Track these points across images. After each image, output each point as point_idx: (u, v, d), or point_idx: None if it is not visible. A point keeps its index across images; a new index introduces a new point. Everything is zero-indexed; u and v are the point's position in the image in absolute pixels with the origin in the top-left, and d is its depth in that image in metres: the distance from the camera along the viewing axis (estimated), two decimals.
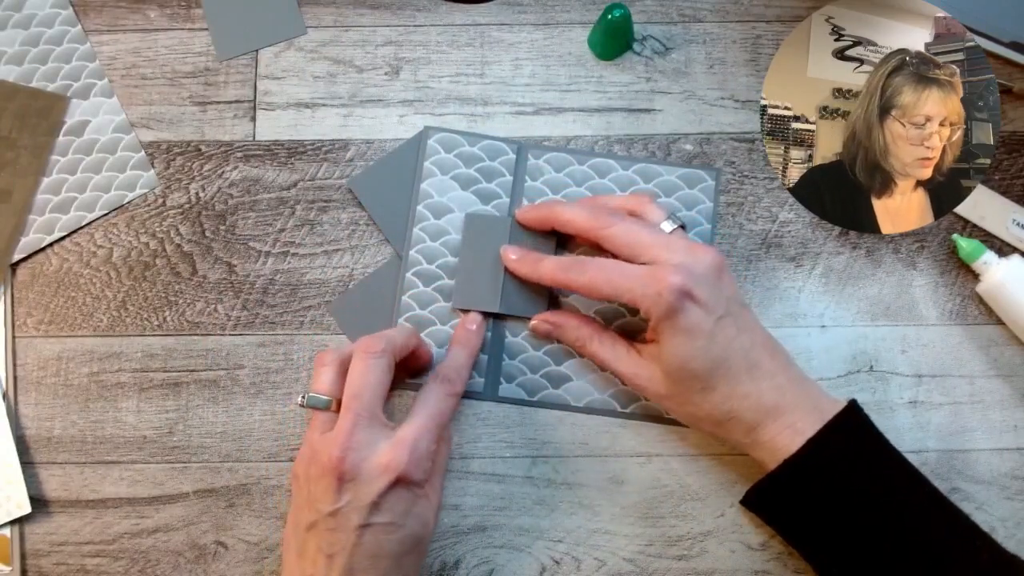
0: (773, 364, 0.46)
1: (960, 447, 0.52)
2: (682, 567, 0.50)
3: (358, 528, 0.42)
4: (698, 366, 0.45)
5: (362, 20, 0.57)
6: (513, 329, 0.52)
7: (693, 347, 0.45)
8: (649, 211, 0.49)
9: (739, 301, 0.47)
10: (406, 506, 0.44)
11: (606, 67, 0.56)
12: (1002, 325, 0.53)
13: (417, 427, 0.44)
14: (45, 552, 0.51)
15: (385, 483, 0.43)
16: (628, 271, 0.46)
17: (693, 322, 0.45)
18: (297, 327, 0.53)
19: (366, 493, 0.42)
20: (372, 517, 0.42)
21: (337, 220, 0.54)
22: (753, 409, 0.46)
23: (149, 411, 0.52)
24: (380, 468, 0.43)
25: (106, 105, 0.56)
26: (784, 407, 0.46)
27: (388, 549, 0.43)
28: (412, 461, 0.43)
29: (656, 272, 0.45)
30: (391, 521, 0.43)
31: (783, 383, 0.46)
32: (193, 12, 0.57)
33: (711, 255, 0.46)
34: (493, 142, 0.54)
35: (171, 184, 0.55)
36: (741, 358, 0.46)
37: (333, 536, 0.42)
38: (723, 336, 0.45)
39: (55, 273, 0.54)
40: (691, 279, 0.44)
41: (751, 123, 0.56)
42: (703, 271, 0.45)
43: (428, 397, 0.46)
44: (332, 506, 0.42)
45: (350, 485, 0.42)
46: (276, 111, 0.56)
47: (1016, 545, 0.50)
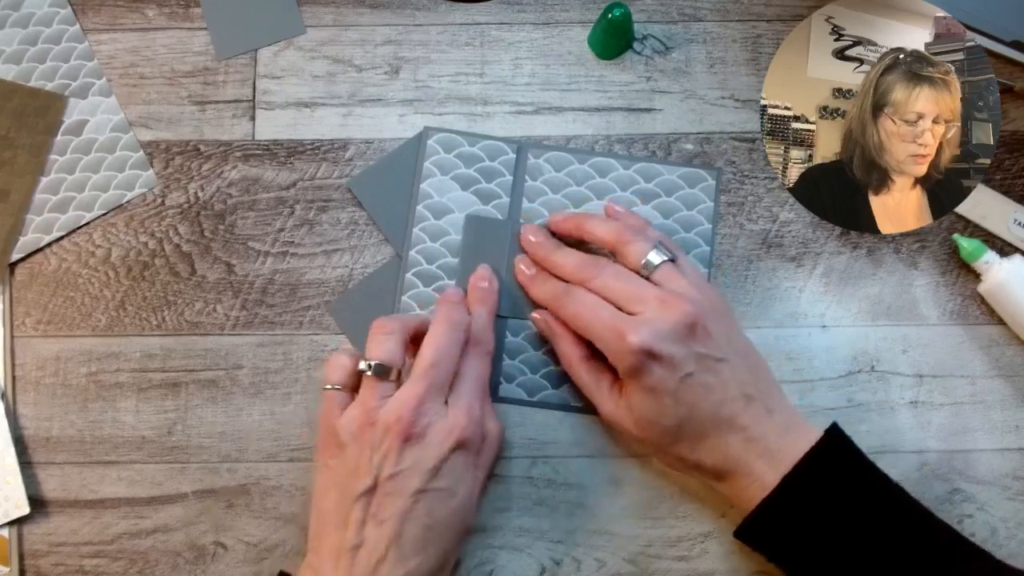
0: (748, 416, 0.45)
1: (961, 447, 0.51)
2: (682, 568, 0.50)
3: (416, 493, 0.43)
4: (664, 422, 0.45)
5: (361, 19, 0.57)
6: (514, 329, 0.52)
7: (658, 405, 0.45)
8: (630, 252, 0.48)
9: (716, 355, 0.45)
10: (461, 472, 0.45)
11: (606, 66, 0.56)
12: (1003, 325, 0.53)
13: (468, 392, 0.46)
14: (44, 552, 0.51)
15: (448, 446, 0.44)
16: (601, 318, 0.46)
17: (655, 381, 0.44)
18: (296, 327, 0.53)
19: (430, 456, 0.43)
20: (431, 482, 0.43)
21: (337, 220, 0.54)
22: (721, 460, 0.46)
23: (148, 411, 0.52)
24: (444, 431, 0.44)
25: (104, 104, 0.56)
26: (751, 461, 0.45)
27: (438, 518, 0.44)
28: (472, 424, 0.45)
29: (621, 328, 0.44)
30: (447, 487, 0.44)
31: (756, 435, 0.45)
32: (192, 11, 0.57)
33: (683, 308, 0.45)
34: (493, 142, 0.54)
35: (170, 184, 0.55)
36: (709, 415, 0.45)
37: (387, 500, 0.43)
38: (689, 395, 0.45)
39: (53, 273, 0.54)
40: (654, 338, 0.44)
41: (751, 123, 0.55)
42: (669, 329, 0.44)
43: (465, 363, 0.47)
44: (394, 468, 0.43)
45: (415, 447, 0.43)
46: (275, 110, 0.56)
47: (1018, 545, 0.50)
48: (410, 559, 0.43)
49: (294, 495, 0.51)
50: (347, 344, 0.53)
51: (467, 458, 0.45)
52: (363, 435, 0.44)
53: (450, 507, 0.44)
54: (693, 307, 0.45)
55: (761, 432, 0.45)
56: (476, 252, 0.52)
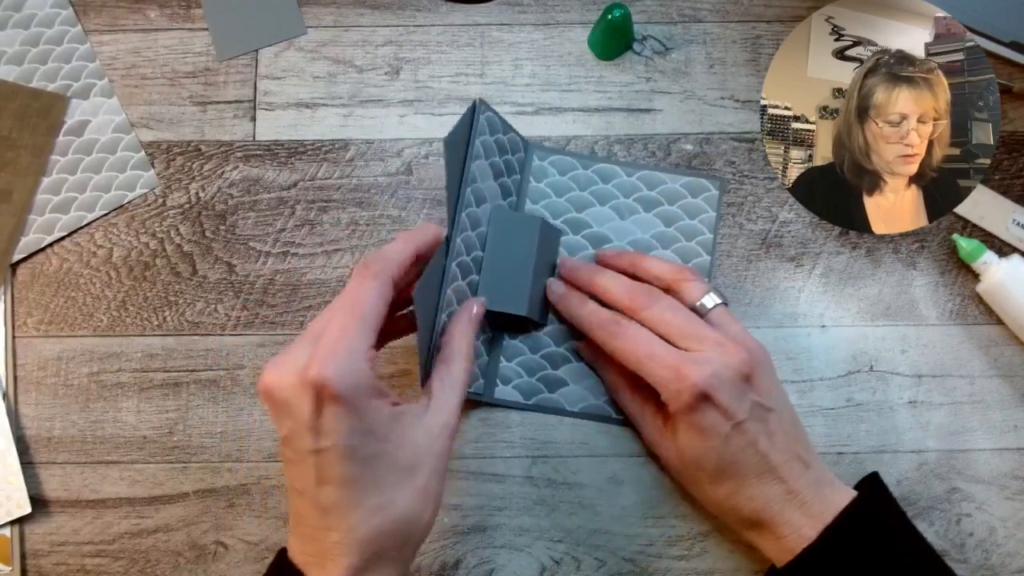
0: (788, 468, 0.45)
1: (960, 447, 0.52)
2: (682, 567, 0.50)
3: (311, 453, 0.37)
4: (708, 464, 0.45)
5: (362, 20, 0.57)
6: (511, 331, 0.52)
7: (705, 446, 0.44)
8: (687, 289, 0.47)
9: (767, 404, 0.45)
10: (349, 424, 0.37)
11: (606, 67, 0.56)
12: (1002, 325, 0.53)
13: (336, 329, 0.37)
14: (45, 552, 0.51)
15: (309, 404, 0.36)
16: (657, 354, 0.45)
17: (708, 423, 0.44)
18: (297, 327, 0.53)
19: (298, 417, 0.37)
20: (319, 441, 0.37)
21: (337, 220, 0.54)
22: (758, 511, 0.45)
23: (149, 411, 0.52)
24: (297, 386, 0.36)
25: (106, 105, 0.56)
26: (787, 512, 0.44)
27: (358, 477, 0.37)
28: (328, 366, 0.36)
29: (681, 368, 0.43)
30: (339, 444, 0.37)
31: (795, 488, 0.44)
32: (193, 12, 0.57)
33: (741, 356, 0.44)
34: (515, 136, 0.53)
35: (171, 184, 0.55)
36: (755, 463, 0.44)
37: (291, 468, 0.39)
38: (739, 440, 0.44)
39: (55, 273, 0.54)
40: (714, 382, 0.43)
41: (751, 123, 0.56)
42: (729, 375, 0.44)
43: (345, 289, 0.40)
44: (281, 434, 0.38)
45: (284, 412, 0.37)
46: (276, 111, 0.56)
47: (1016, 545, 0.50)
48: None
49: None
50: None
51: (345, 408, 0.37)
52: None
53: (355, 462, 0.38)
54: (749, 354, 0.45)
55: (800, 485, 0.44)
56: (503, 247, 0.50)
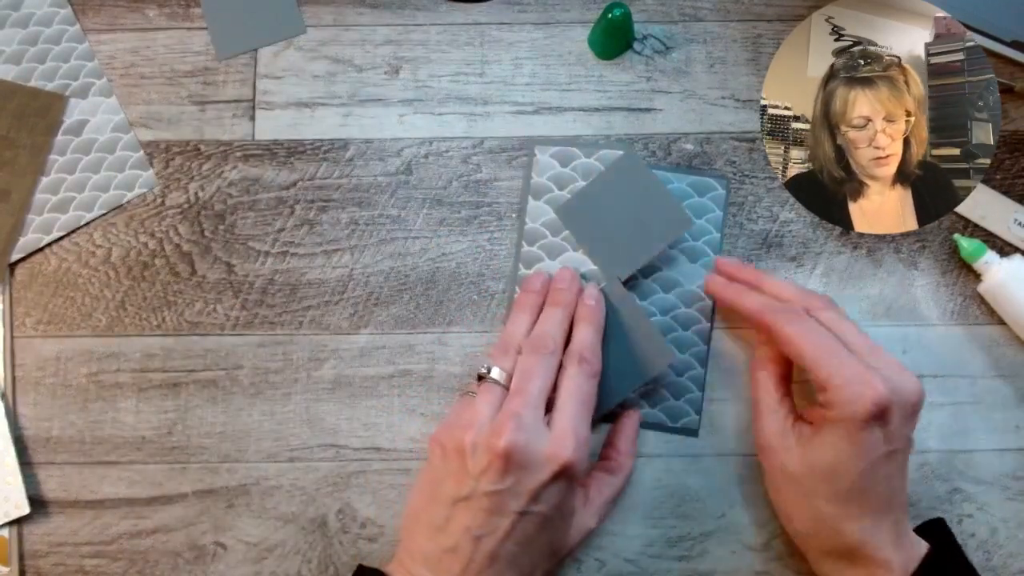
0: (903, 511, 0.45)
1: (962, 447, 0.51)
2: (683, 568, 0.50)
3: (515, 514, 0.42)
4: (843, 480, 0.43)
5: (362, 19, 0.57)
6: None
7: (854, 463, 0.43)
8: (825, 314, 0.46)
9: (912, 442, 0.45)
10: (561, 498, 0.44)
11: (606, 66, 0.56)
12: (1003, 325, 0.53)
13: (573, 415, 0.45)
14: (44, 553, 0.51)
15: (550, 472, 0.43)
16: (843, 355, 0.43)
17: (871, 440, 0.42)
18: (296, 327, 0.53)
19: (530, 480, 0.43)
20: (531, 505, 0.43)
21: (337, 220, 0.54)
22: (862, 543, 0.43)
23: (148, 411, 0.52)
24: (547, 456, 0.43)
25: (105, 104, 0.56)
26: (886, 549, 0.43)
27: (530, 541, 0.43)
28: (577, 450, 0.43)
29: (869, 376, 0.42)
30: (545, 512, 0.43)
31: (902, 529, 0.44)
32: (192, 11, 0.57)
33: (918, 386, 0.44)
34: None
35: (170, 184, 0.55)
36: (885, 496, 0.43)
37: (487, 517, 0.42)
38: (886, 468, 0.43)
39: (54, 273, 0.54)
40: (896, 401, 0.42)
41: (751, 123, 0.55)
42: (908, 401, 0.43)
43: (570, 382, 0.46)
44: (494, 486, 0.42)
45: (516, 470, 0.42)
46: (275, 110, 0.56)
47: (1017, 546, 0.50)
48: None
49: (294, 495, 0.51)
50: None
51: (568, 484, 0.44)
52: (463, 442, 0.43)
53: (544, 532, 0.44)
54: (919, 388, 0.44)
55: (903, 529, 0.44)
56: (614, 189, 0.52)
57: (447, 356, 0.53)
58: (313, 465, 0.51)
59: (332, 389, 0.52)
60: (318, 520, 0.51)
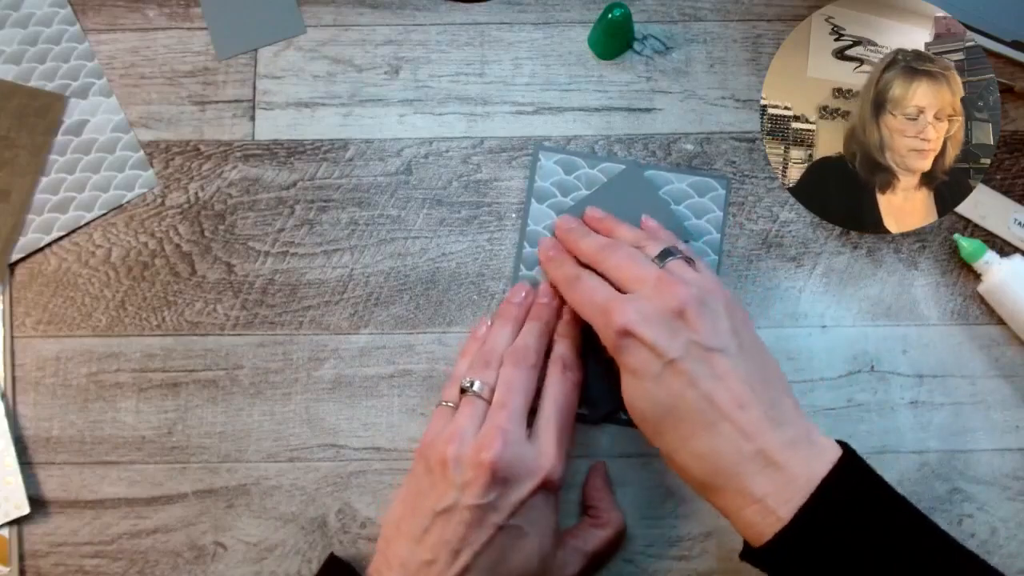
0: (745, 419, 0.40)
1: (961, 447, 0.51)
2: (683, 568, 0.50)
3: (495, 527, 0.42)
4: (646, 410, 0.42)
5: (361, 19, 0.57)
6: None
7: (639, 387, 0.42)
8: (652, 244, 0.47)
9: (710, 344, 0.41)
10: (540, 512, 0.44)
11: (606, 66, 0.56)
12: (1003, 325, 0.53)
13: (557, 427, 0.45)
14: (44, 553, 0.51)
15: (532, 486, 0.43)
16: (595, 299, 0.45)
17: (639, 363, 0.42)
18: (296, 327, 0.53)
19: (514, 494, 0.43)
20: (511, 519, 0.43)
21: (336, 220, 0.54)
22: (711, 470, 0.41)
23: (148, 411, 0.52)
24: (530, 471, 0.43)
25: (105, 104, 0.56)
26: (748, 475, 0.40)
27: (509, 554, 0.43)
28: (559, 465, 0.45)
29: (608, 307, 0.43)
30: (523, 526, 0.43)
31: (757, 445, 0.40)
32: (192, 11, 0.57)
33: (673, 292, 0.42)
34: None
35: (170, 184, 0.55)
36: (698, 409, 0.41)
37: (467, 530, 0.42)
38: (674, 381, 0.41)
39: (53, 273, 0.54)
40: (638, 317, 0.42)
41: (751, 123, 0.55)
42: (654, 310, 0.42)
43: (554, 389, 0.47)
44: (478, 500, 0.42)
45: (500, 484, 0.43)
46: (275, 111, 0.56)
47: (1018, 546, 0.50)
48: None
49: (294, 495, 0.51)
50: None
51: (548, 497, 0.45)
52: (447, 461, 0.43)
53: (523, 545, 0.44)
54: (687, 291, 0.42)
55: (762, 443, 0.40)
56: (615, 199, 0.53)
57: (447, 356, 0.53)
58: (313, 465, 0.51)
59: (332, 389, 0.52)
60: (318, 520, 0.51)
